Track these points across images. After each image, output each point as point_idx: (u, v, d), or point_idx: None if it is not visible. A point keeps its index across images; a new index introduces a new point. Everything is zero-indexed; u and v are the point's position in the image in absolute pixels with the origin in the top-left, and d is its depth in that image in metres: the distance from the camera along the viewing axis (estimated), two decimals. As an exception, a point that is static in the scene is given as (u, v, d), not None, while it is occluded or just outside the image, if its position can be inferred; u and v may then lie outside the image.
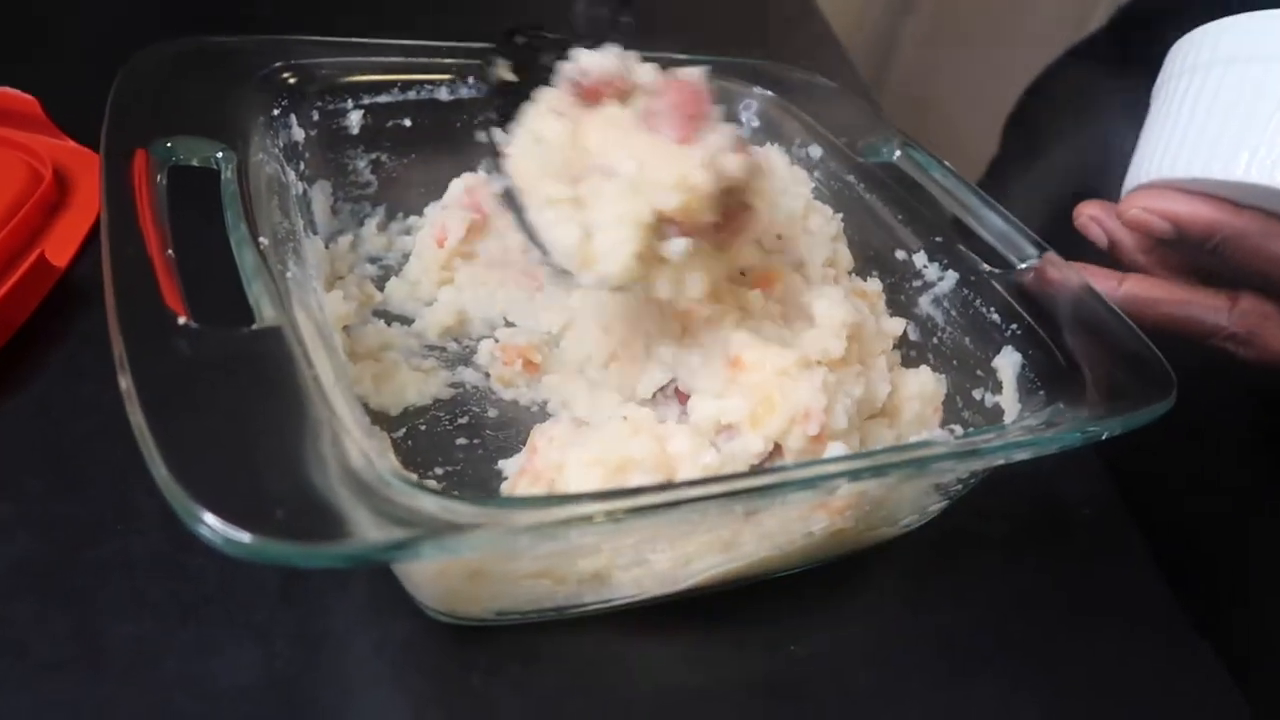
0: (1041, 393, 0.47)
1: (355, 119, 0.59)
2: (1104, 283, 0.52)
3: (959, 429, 0.44)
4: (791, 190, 0.59)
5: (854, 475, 0.37)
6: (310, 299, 0.44)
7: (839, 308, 0.48)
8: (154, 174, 0.43)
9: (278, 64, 0.55)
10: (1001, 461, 0.41)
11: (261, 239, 0.42)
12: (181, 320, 0.36)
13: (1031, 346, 0.50)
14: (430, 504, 0.31)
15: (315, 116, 0.57)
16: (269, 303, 0.38)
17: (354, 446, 0.33)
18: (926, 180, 0.61)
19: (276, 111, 0.54)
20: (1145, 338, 0.49)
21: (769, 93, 0.68)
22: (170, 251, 0.39)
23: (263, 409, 0.34)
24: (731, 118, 0.68)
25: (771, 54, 0.73)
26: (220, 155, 0.46)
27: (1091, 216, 0.54)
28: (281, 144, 0.53)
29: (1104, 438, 0.43)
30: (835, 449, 0.44)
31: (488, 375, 0.54)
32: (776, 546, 0.43)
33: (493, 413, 0.53)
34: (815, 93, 0.68)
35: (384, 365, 0.52)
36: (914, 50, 1.76)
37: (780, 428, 0.44)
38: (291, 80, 0.56)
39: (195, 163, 0.46)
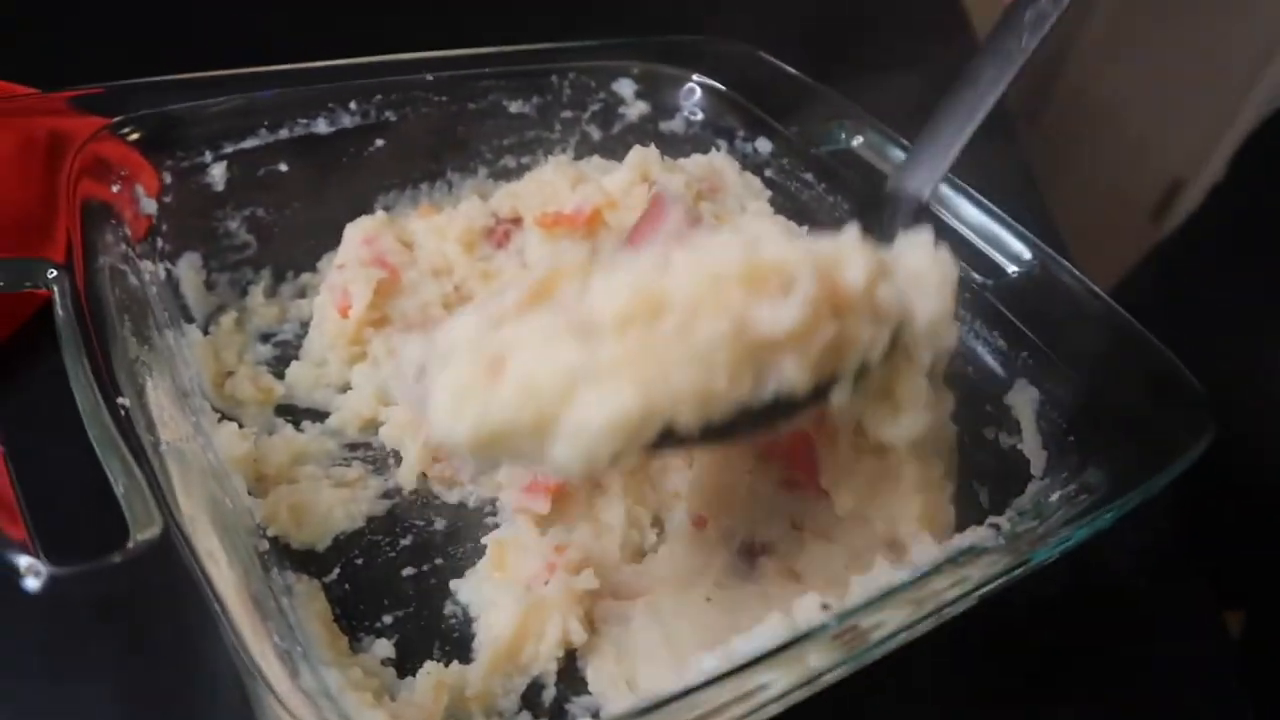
0: (1071, 439, 0.42)
1: (218, 173, 0.49)
2: None
3: (1003, 524, 0.37)
4: (750, 206, 0.51)
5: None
6: (193, 453, 0.35)
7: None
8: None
9: (109, 123, 0.44)
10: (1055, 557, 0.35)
11: (121, 400, 0.33)
12: (26, 562, 0.27)
13: (1047, 378, 0.44)
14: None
15: (168, 179, 0.47)
16: (142, 505, 0.29)
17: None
18: (892, 170, 0.54)
19: (116, 188, 0.44)
20: (1169, 352, 0.43)
21: (709, 80, 0.59)
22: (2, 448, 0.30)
23: (153, 678, 0.26)
24: (673, 108, 0.60)
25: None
26: (52, 274, 0.36)
27: None
28: (127, 231, 0.43)
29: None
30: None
31: (424, 476, 0.46)
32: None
33: (439, 523, 0.44)
34: (759, 73, 0.60)
35: (300, 489, 0.43)
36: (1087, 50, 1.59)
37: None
38: (132, 138, 0.45)
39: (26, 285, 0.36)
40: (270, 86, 0.50)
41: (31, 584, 0.27)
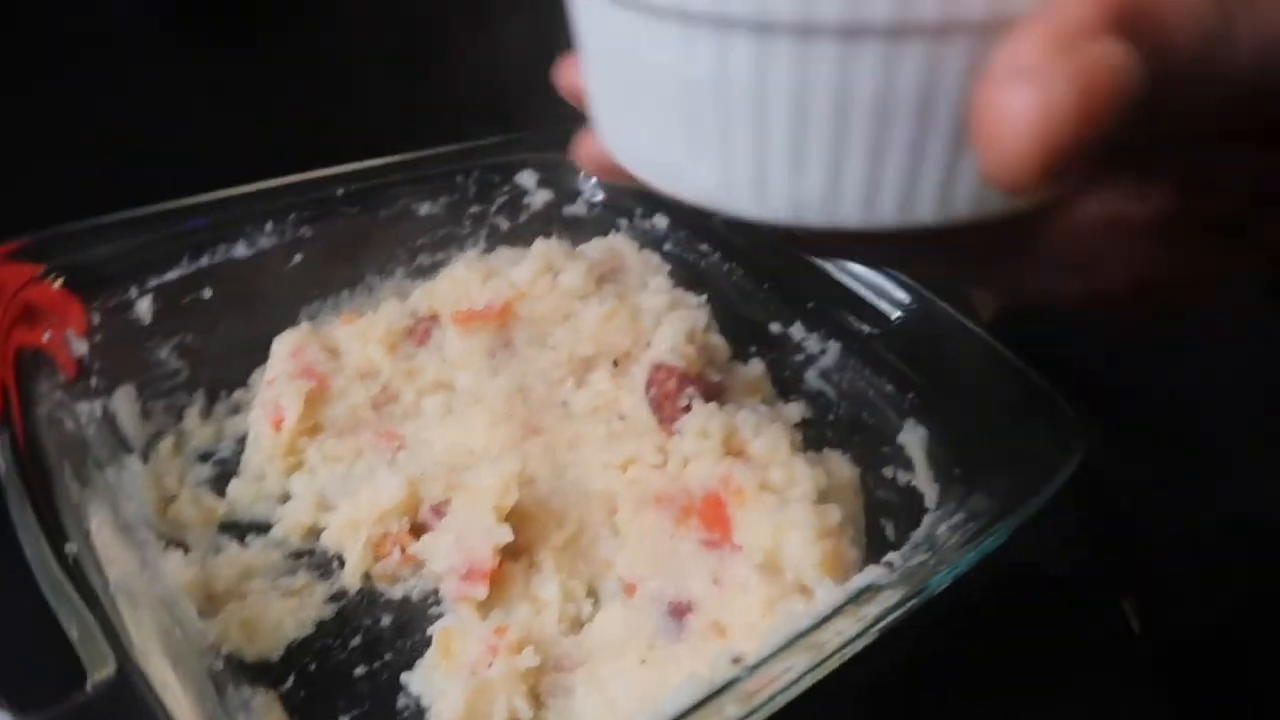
0: (958, 470, 0.46)
1: (145, 307, 0.51)
2: None
3: (896, 560, 0.41)
4: (650, 284, 0.55)
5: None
6: (142, 586, 0.37)
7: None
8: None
9: (34, 274, 0.47)
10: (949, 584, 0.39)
11: (69, 546, 0.35)
12: (-10, 714, 0.29)
13: (933, 416, 0.48)
14: None
15: (97, 319, 0.49)
16: (96, 647, 0.31)
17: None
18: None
19: (47, 335, 0.46)
20: (1042, 380, 0.48)
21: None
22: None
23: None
24: (574, 193, 0.64)
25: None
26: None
27: None
28: (61, 376, 0.45)
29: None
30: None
31: (368, 575, 0.48)
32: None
33: (385, 619, 0.47)
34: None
35: (249, 604, 0.45)
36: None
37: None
38: (58, 284, 0.48)
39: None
40: (189, 218, 0.53)
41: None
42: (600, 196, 0.63)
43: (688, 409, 0.47)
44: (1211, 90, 0.20)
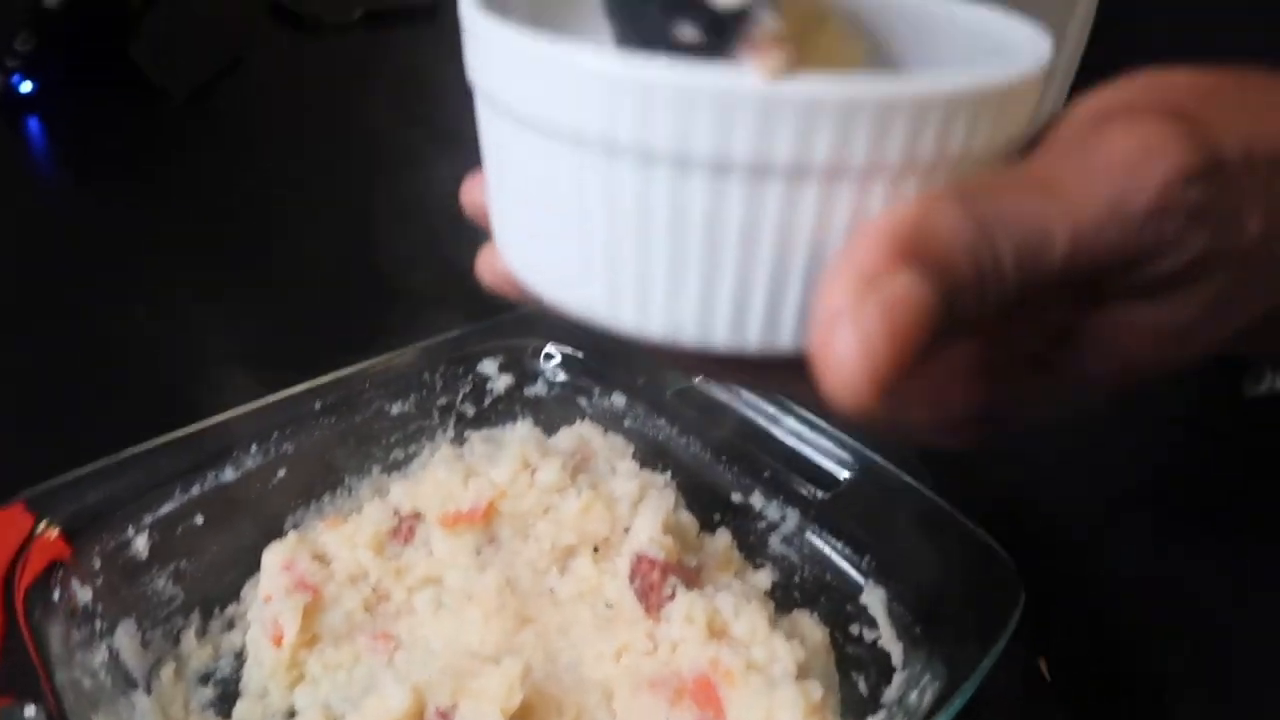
0: (918, 629, 0.51)
1: (142, 544, 0.53)
2: None
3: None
4: (619, 468, 0.59)
5: None
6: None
7: None
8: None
9: (32, 534, 0.49)
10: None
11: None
12: None
13: (889, 576, 0.53)
14: None
15: (97, 565, 0.51)
16: None
17: None
18: (731, 398, 0.64)
19: (56, 593, 0.48)
20: (980, 531, 0.53)
21: (562, 347, 0.68)
22: None
23: None
24: (534, 374, 0.68)
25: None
26: (30, 713, 0.40)
27: None
28: (76, 634, 0.47)
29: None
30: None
31: (383, 780, 0.50)
32: None
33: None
34: (602, 333, 0.69)
35: (272, 830, 0.47)
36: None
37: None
38: (54, 536, 0.50)
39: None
40: (177, 452, 0.55)
41: None
42: (561, 378, 0.68)
43: (672, 597, 0.51)
44: (1000, 295, 0.23)
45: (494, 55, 0.25)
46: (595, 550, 0.55)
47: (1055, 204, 0.23)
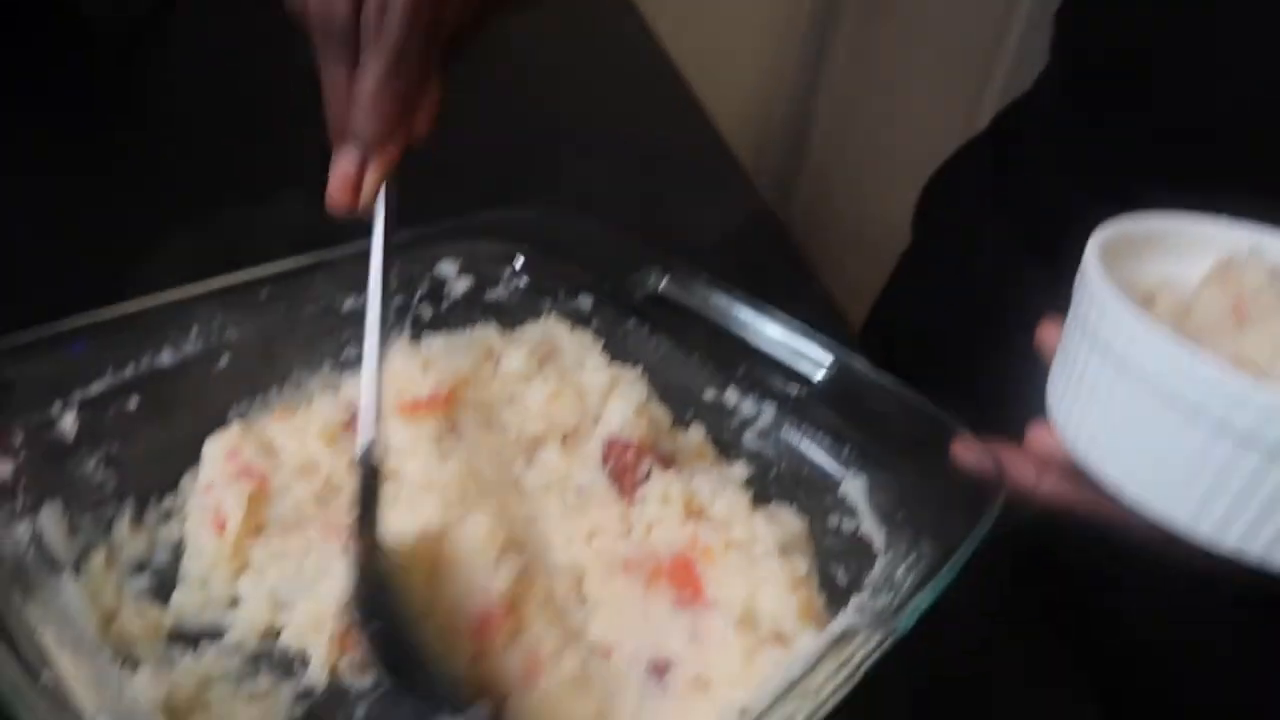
0: (900, 514, 0.49)
1: (69, 422, 0.49)
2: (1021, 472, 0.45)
3: (865, 602, 0.44)
4: (587, 362, 0.57)
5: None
6: (116, 706, 0.36)
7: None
8: None
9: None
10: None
11: (45, 674, 0.33)
12: None
13: (871, 465, 0.52)
14: None
15: (19, 439, 0.47)
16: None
17: None
18: (701, 304, 0.62)
19: (-26, 458, 0.44)
20: (957, 421, 0.52)
21: (525, 249, 0.65)
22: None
23: None
24: (495, 279, 0.65)
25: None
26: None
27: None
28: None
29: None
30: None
31: (334, 670, 0.47)
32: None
33: (359, 711, 0.46)
34: (569, 235, 0.66)
35: (215, 713, 0.43)
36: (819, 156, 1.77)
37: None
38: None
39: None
40: (110, 331, 0.51)
41: None
42: (523, 281, 0.65)
43: (647, 477, 0.48)
44: None
45: (1118, 320, 0.37)
46: (564, 440, 0.53)
47: None
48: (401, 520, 0.51)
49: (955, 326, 0.72)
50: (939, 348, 0.77)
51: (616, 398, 0.52)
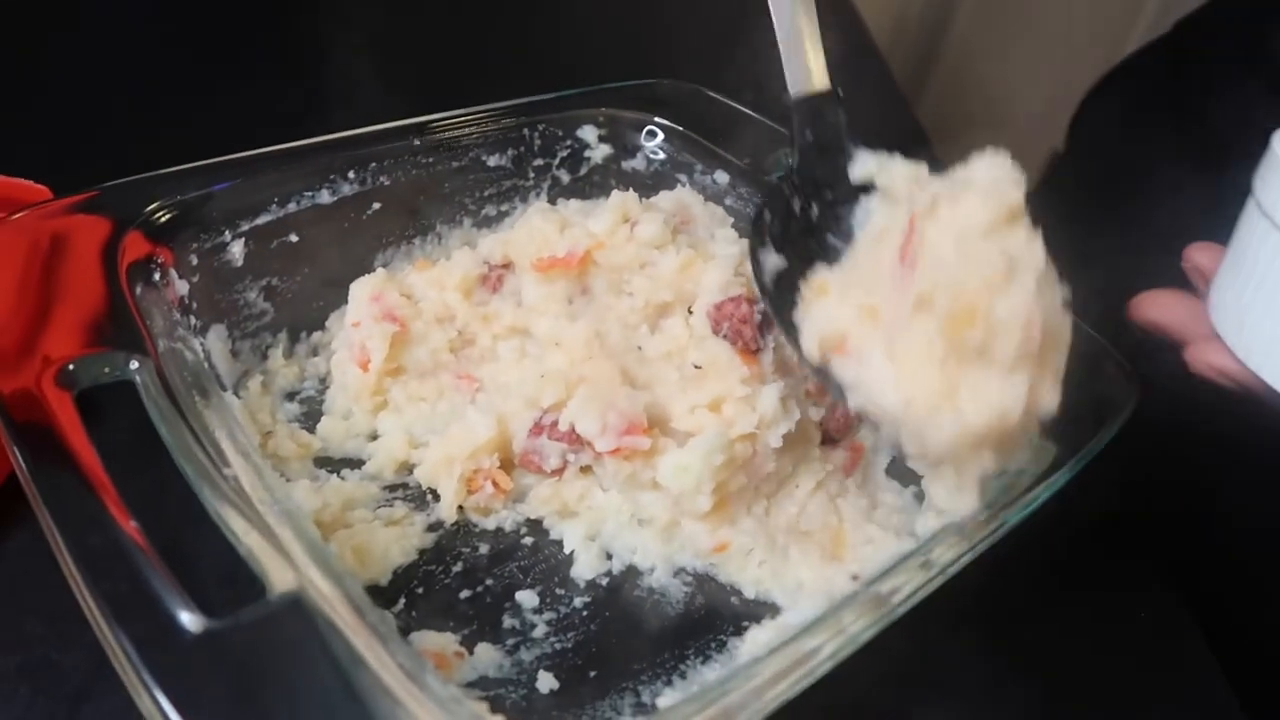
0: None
1: (238, 250, 0.53)
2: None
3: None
4: (718, 234, 0.57)
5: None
6: (283, 508, 0.39)
7: None
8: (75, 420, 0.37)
9: (134, 220, 0.48)
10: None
11: (227, 469, 0.37)
12: (186, 616, 0.31)
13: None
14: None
15: (194, 261, 0.51)
16: (272, 564, 0.34)
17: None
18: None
19: (157, 275, 0.47)
20: (1096, 333, 0.51)
21: (665, 121, 0.65)
22: (134, 523, 0.34)
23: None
24: (634, 148, 0.66)
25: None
26: (134, 365, 0.40)
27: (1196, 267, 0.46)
28: (176, 315, 0.47)
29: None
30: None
31: (461, 508, 0.51)
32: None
33: (483, 549, 0.49)
34: (709, 111, 0.66)
35: (357, 531, 0.47)
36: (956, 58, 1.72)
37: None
38: (160, 222, 0.49)
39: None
40: (275, 166, 0.54)
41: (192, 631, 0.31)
42: (660, 154, 0.65)
43: (765, 324, 0.50)
44: None
45: None
46: (690, 311, 0.54)
47: None
48: (526, 376, 0.54)
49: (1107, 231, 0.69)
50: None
51: (710, 269, 0.53)
